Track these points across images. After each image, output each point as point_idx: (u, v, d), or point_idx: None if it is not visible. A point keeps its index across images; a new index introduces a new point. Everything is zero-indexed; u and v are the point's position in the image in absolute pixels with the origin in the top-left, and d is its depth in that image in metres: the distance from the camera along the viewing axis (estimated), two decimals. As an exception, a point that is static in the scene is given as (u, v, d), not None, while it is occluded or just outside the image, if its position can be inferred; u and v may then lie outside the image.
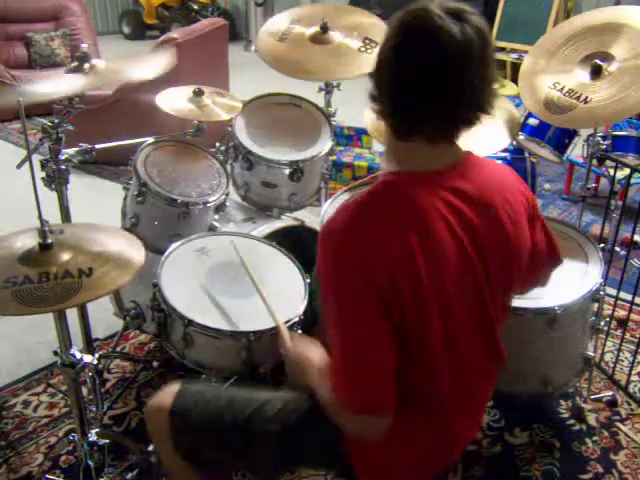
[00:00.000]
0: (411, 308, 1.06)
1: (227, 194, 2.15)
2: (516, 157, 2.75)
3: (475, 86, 1.04)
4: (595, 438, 2.01)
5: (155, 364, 2.24)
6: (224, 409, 1.30)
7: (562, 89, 1.96)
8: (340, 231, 1.08)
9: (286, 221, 2.30)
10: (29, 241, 1.30)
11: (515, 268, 1.20)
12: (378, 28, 2.37)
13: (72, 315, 1.52)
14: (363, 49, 2.32)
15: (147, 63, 1.70)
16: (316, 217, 2.24)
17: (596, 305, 1.94)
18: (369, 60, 2.21)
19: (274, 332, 1.65)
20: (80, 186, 2.36)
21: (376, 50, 1.10)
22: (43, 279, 1.20)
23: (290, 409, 1.28)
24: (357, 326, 1.07)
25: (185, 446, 1.31)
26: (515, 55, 5.75)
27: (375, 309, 1.04)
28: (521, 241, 1.18)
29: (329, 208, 2.17)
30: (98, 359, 1.97)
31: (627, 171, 2.22)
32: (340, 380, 1.11)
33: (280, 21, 2.46)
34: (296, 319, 1.69)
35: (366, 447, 1.21)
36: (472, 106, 1.07)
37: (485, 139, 1.27)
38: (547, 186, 4.06)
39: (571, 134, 2.49)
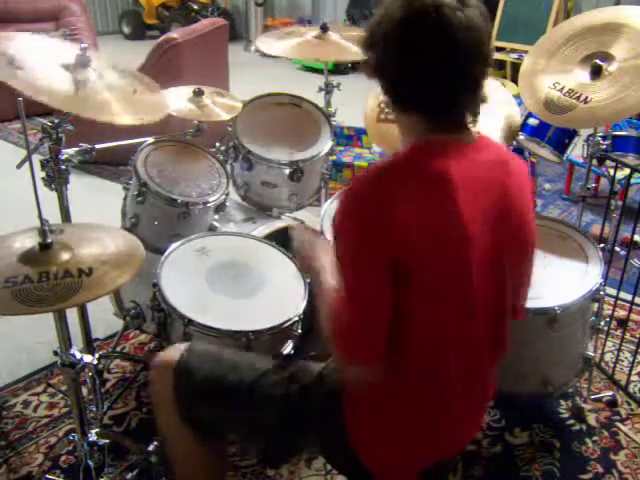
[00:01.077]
0: (431, 271, 1.08)
1: (227, 194, 2.15)
2: (516, 157, 2.74)
3: (480, 71, 1.10)
4: (595, 438, 2.01)
5: (155, 364, 2.23)
6: (229, 371, 1.33)
7: (562, 89, 1.96)
8: (363, 186, 1.10)
9: (286, 221, 2.29)
10: (29, 241, 1.30)
11: (526, 247, 1.24)
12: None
13: (72, 315, 1.52)
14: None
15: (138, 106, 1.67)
16: (316, 217, 2.24)
17: (596, 305, 1.94)
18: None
19: (274, 332, 1.65)
20: (80, 186, 2.35)
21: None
22: (43, 279, 1.20)
23: (295, 377, 1.30)
24: (364, 282, 1.09)
25: (188, 409, 1.33)
26: (515, 55, 5.75)
27: (384, 269, 1.06)
28: (529, 219, 1.23)
29: (329, 208, 2.17)
30: (98, 359, 1.97)
31: (627, 171, 2.22)
32: (340, 331, 1.14)
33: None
34: (296, 319, 1.69)
35: (364, 426, 1.22)
36: (479, 92, 1.12)
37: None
38: (547, 186, 4.06)
39: (571, 134, 2.49)
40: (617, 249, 2.54)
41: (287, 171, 2.25)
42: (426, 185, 1.08)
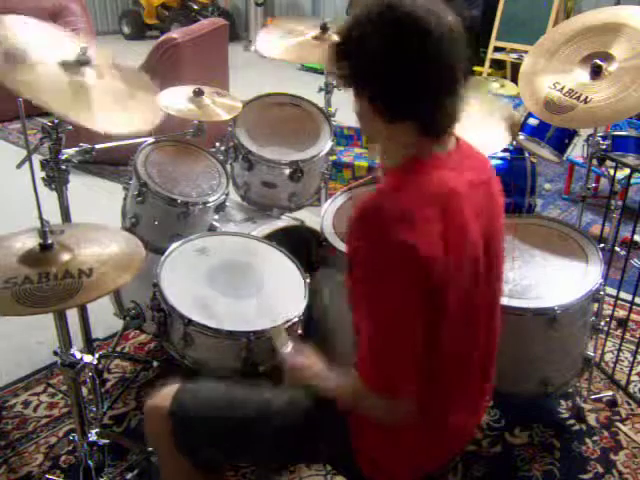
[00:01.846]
0: (451, 287, 1.07)
1: (227, 194, 2.15)
2: (516, 157, 2.74)
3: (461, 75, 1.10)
4: (595, 438, 2.01)
5: (155, 364, 2.24)
6: (225, 406, 1.31)
7: (562, 89, 1.95)
8: (381, 212, 1.07)
9: (286, 221, 2.30)
10: (29, 241, 1.30)
11: (501, 246, 1.26)
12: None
13: (72, 315, 1.52)
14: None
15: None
16: (316, 217, 2.24)
17: (596, 305, 1.94)
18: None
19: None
20: (80, 186, 2.36)
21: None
22: (43, 279, 1.20)
23: (293, 406, 1.29)
24: (396, 310, 1.06)
25: (185, 445, 1.31)
26: (515, 55, 5.75)
27: (416, 293, 1.04)
28: (501, 219, 1.27)
29: (329, 208, 2.17)
30: (98, 359, 1.98)
31: (627, 171, 2.22)
32: (369, 364, 1.11)
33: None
34: (296, 319, 1.69)
35: (368, 439, 1.22)
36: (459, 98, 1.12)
37: (485, 139, 1.27)
38: (547, 186, 4.06)
39: (571, 134, 2.48)
40: (617, 249, 2.54)
41: (287, 171, 2.25)
42: (437, 202, 1.07)
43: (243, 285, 1.78)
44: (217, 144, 2.30)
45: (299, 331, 1.71)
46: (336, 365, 1.25)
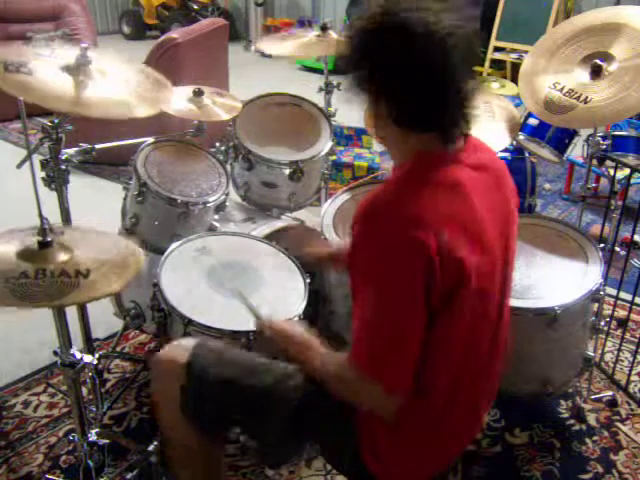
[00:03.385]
0: (469, 284, 1.08)
1: (227, 194, 2.15)
2: (516, 157, 2.75)
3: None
4: (595, 438, 2.01)
5: (155, 364, 2.23)
6: (246, 369, 1.31)
7: (562, 89, 1.95)
8: (386, 206, 1.08)
9: (286, 221, 2.29)
10: (28, 239, 1.30)
11: (514, 241, 1.26)
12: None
13: (72, 315, 1.52)
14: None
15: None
16: (316, 217, 2.24)
17: (596, 305, 1.94)
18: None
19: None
20: (80, 186, 2.34)
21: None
22: (40, 275, 1.20)
23: (311, 384, 1.28)
24: (399, 302, 1.06)
25: (194, 403, 1.31)
26: (515, 55, 5.75)
27: (420, 287, 1.04)
28: (516, 219, 1.27)
29: (329, 208, 2.17)
30: (98, 359, 1.97)
31: (627, 171, 2.22)
32: (366, 351, 1.10)
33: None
34: (296, 319, 1.69)
35: (375, 435, 1.22)
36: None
37: (485, 139, 1.28)
38: (547, 186, 4.06)
39: (571, 134, 2.49)
40: (617, 249, 2.54)
41: (287, 171, 2.25)
42: (446, 194, 1.07)
43: (243, 285, 1.78)
44: (217, 144, 2.30)
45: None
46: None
